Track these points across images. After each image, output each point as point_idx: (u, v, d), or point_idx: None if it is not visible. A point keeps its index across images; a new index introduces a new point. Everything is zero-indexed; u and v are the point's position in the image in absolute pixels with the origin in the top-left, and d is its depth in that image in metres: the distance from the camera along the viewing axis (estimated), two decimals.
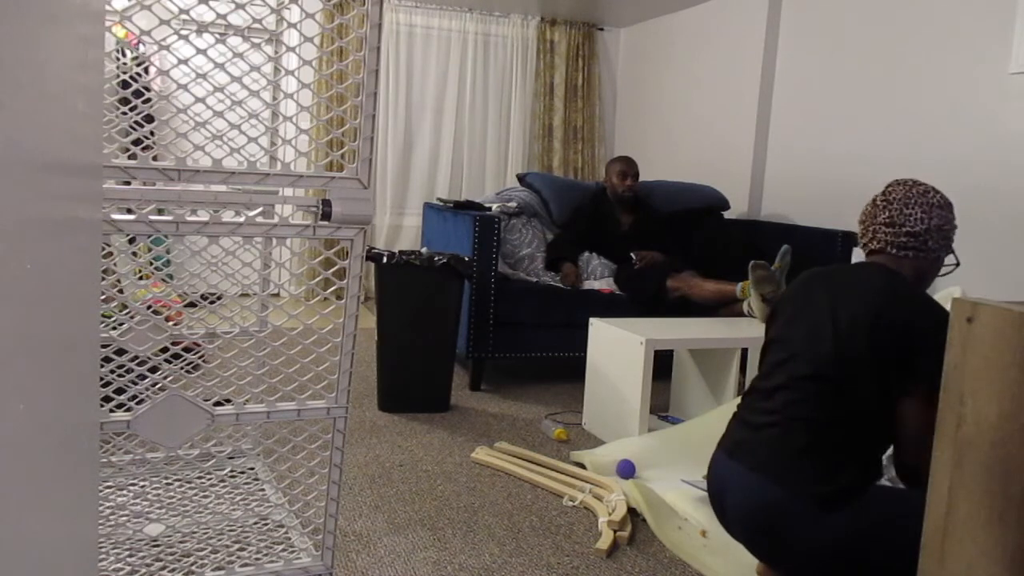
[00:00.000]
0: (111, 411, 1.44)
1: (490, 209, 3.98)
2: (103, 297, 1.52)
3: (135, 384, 1.54)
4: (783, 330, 1.86)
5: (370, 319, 4.86)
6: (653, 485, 2.49)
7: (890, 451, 2.26)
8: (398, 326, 3.19)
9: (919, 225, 1.77)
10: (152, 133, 4.01)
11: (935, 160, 3.65)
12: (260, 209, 1.46)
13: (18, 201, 0.56)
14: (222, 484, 2.24)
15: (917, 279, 1.81)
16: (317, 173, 1.48)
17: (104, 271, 1.87)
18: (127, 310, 1.79)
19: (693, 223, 4.40)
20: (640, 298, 3.77)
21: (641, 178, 4.33)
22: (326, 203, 1.45)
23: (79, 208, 0.85)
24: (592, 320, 3.16)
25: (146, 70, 4.68)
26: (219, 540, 1.91)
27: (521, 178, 4.47)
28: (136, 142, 2.82)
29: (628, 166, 4.09)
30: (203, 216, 1.44)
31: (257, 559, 1.79)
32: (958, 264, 1.86)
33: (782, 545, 1.72)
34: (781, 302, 1.93)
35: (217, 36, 1.53)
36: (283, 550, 1.87)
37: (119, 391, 2.37)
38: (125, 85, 4.21)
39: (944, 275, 1.86)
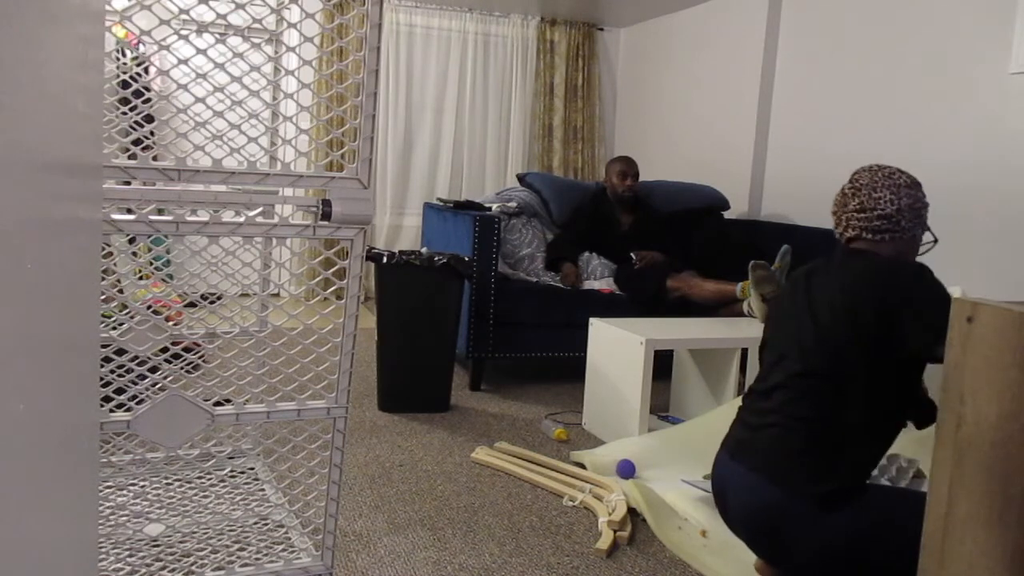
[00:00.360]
0: (111, 411, 1.44)
1: (490, 209, 3.98)
2: (103, 297, 1.52)
3: (135, 384, 1.54)
4: (775, 330, 1.88)
5: (370, 319, 4.86)
6: (653, 485, 2.49)
7: (890, 451, 2.26)
8: (398, 326, 3.19)
9: (889, 207, 1.79)
10: (152, 133, 4.01)
11: (935, 160, 3.65)
12: (260, 209, 1.46)
13: (18, 201, 0.56)
14: (222, 484, 2.24)
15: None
16: (317, 173, 1.48)
17: (104, 271, 1.87)
18: (127, 310, 1.79)
19: (693, 223, 4.40)
20: (640, 298, 3.77)
21: (641, 178, 4.33)
22: (326, 203, 1.45)
23: (79, 208, 0.85)
24: (592, 320, 3.16)
25: (146, 70, 4.68)
26: (219, 540, 1.91)
27: (521, 178, 4.47)
28: (136, 142, 2.82)
29: (628, 166, 4.09)
30: (203, 216, 1.44)
31: (257, 559, 1.79)
32: (936, 241, 1.88)
33: (783, 545, 1.72)
34: (776, 302, 1.95)
35: (217, 36, 1.53)
36: (283, 550, 1.87)
37: (119, 391, 2.37)
38: (125, 85, 4.21)
39: (923, 253, 1.87)
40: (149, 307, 2.57)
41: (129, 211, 1.37)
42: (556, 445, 2.93)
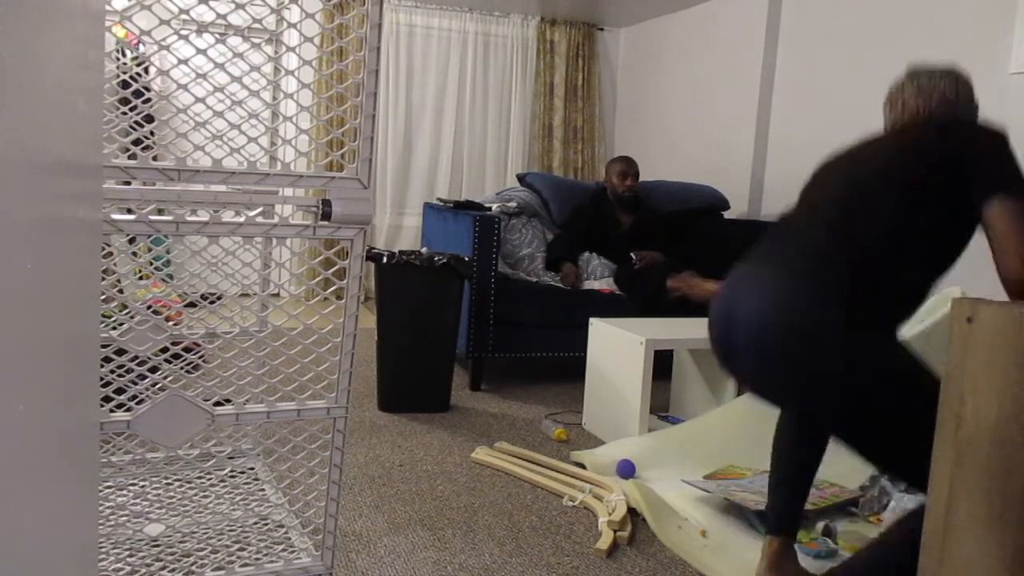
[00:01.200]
0: (111, 411, 1.45)
1: (490, 209, 3.98)
2: (103, 297, 1.52)
3: (135, 384, 1.54)
4: (821, 177, 1.79)
5: (370, 319, 4.86)
6: (653, 485, 2.49)
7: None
8: (398, 326, 3.19)
9: (950, 93, 1.74)
10: (152, 133, 4.01)
11: None
12: (260, 209, 1.46)
13: (18, 201, 0.56)
14: (222, 484, 2.24)
15: None
16: (317, 173, 1.48)
17: (104, 271, 1.87)
18: (127, 310, 1.79)
19: (693, 223, 4.40)
20: (640, 298, 3.77)
21: (641, 178, 4.33)
22: (326, 203, 1.45)
23: (79, 208, 0.85)
24: (592, 320, 3.16)
25: (146, 70, 4.68)
26: (219, 540, 1.91)
27: (521, 178, 4.47)
28: (136, 142, 2.82)
29: (628, 166, 4.09)
30: (203, 216, 1.44)
31: (257, 559, 1.79)
32: None
33: (793, 359, 1.56)
34: (815, 175, 1.88)
35: (217, 36, 1.53)
36: (283, 550, 1.87)
37: (119, 391, 2.37)
38: (125, 85, 4.21)
39: None
40: (149, 307, 2.57)
41: (129, 211, 1.37)
42: (556, 445, 2.93)
